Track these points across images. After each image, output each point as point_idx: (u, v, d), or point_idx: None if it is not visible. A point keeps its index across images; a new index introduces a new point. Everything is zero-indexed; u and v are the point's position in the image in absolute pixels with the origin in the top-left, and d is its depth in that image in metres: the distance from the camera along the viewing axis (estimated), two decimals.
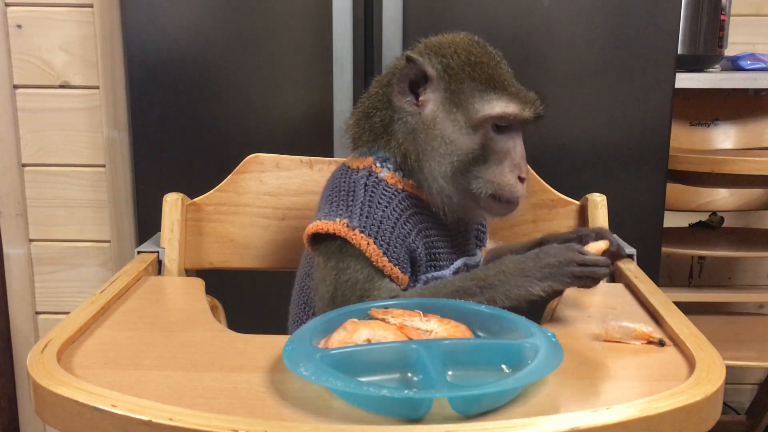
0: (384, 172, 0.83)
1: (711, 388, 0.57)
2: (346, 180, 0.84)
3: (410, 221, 0.82)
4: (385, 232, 0.79)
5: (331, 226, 0.80)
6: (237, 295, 1.11)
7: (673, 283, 1.95)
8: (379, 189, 0.82)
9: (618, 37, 1.34)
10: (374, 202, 0.81)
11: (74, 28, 1.68)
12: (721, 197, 1.82)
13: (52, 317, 1.83)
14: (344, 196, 0.82)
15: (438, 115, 0.81)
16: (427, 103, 0.81)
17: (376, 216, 0.80)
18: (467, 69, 0.80)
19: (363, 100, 0.88)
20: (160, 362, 0.65)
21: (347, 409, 0.56)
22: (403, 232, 0.81)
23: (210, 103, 1.38)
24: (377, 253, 0.78)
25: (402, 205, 0.82)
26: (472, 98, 0.80)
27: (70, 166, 1.74)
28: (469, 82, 0.80)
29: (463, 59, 0.81)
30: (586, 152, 1.38)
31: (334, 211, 0.81)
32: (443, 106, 0.81)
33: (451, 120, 0.80)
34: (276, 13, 1.34)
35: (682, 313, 0.75)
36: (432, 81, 0.81)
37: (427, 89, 0.81)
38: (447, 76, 0.81)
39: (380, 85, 0.86)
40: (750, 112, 1.81)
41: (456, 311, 0.70)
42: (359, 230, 0.79)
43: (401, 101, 0.82)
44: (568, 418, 0.52)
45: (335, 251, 0.80)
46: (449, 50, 0.82)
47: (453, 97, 0.80)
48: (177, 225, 0.98)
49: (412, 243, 0.81)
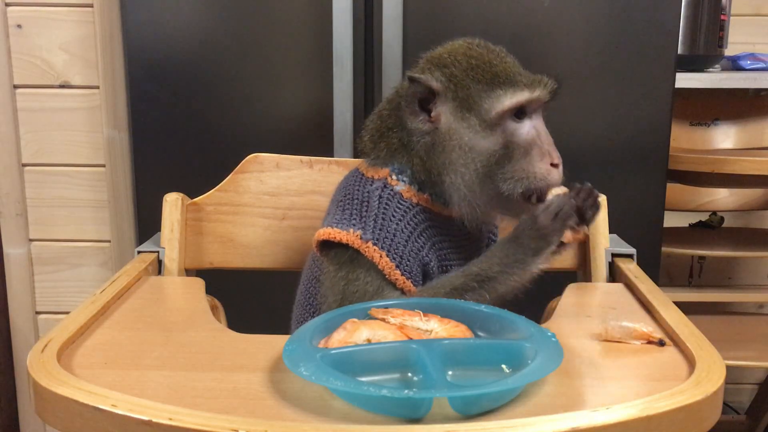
0: (400, 186, 0.83)
1: (711, 388, 0.57)
2: (360, 189, 0.83)
3: (424, 234, 0.82)
4: (399, 245, 0.79)
5: (344, 236, 0.80)
6: (237, 295, 1.11)
7: (673, 283, 1.95)
8: (393, 202, 0.81)
9: (618, 37, 1.34)
10: (388, 215, 0.80)
11: (74, 28, 1.68)
12: (721, 197, 1.82)
13: (52, 317, 1.83)
14: (358, 205, 0.82)
15: (452, 125, 0.80)
16: (440, 117, 0.81)
17: (390, 228, 0.80)
18: (470, 73, 0.80)
19: (374, 120, 0.87)
20: (160, 362, 0.65)
21: (347, 409, 0.56)
22: (417, 246, 0.81)
23: (210, 103, 1.38)
24: (390, 266, 0.78)
25: (417, 219, 0.82)
26: (480, 100, 0.79)
27: (70, 166, 1.74)
28: (475, 85, 0.80)
29: (465, 65, 0.81)
30: (586, 152, 1.38)
31: (347, 220, 0.81)
32: (455, 115, 0.80)
33: (466, 127, 0.80)
34: (276, 13, 1.34)
35: (682, 313, 0.75)
36: (439, 94, 0.80)
37: (437, 103, 0.81)
38: (452, 86, 0.80)
39: (390, 107, 0.86)
40: (750, 112, 1.81)
41: (456, 311, 0.70)
42: (372, 242, 0.79)
43: (414, 122, 0.81)
44: (568, 418, 0.52)
45: (346, 261, 0.80)
46: (449, 59, 0.81)
47: (463, 103, 0.80)
48: (177, 225, 0.98)
49: (426, 256, 0.81)
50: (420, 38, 1.34)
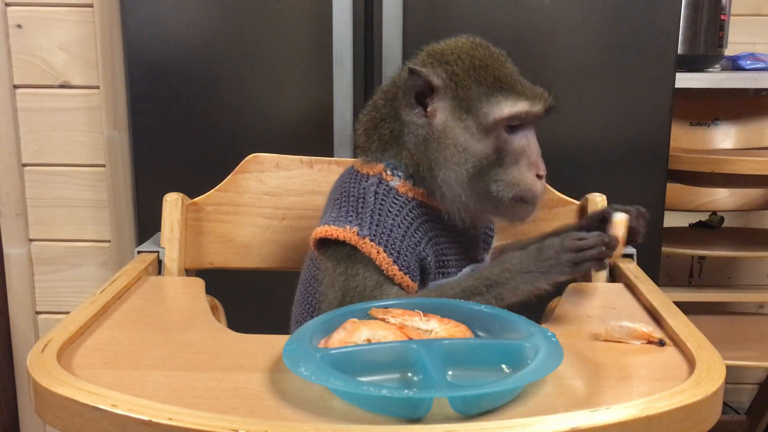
0: (395, 181, 0.83)
1: (711, 388, 0.57)
2: (356, 186, 0.83)
3: (421, 229, 0.82)
4: (396, 240, 0.79)
5: (340, 233, 0.80)
6: (237, 295, 1.11)
7: (673, 283, 1.95)
8: (389, 197, 0.81)
9: (618, 37, 1.34)
10: (384, 210, 0.80)
11: (74, 28, 1.68)
12: (721, 197, 1.82)
13: (52, 317, 1.83)
14: (354, 202, 0.82)
15: (448, 123, 0.80)
16: (435, 113, 0.81)
17: (386, 224, 0.80)
18: (472, 74, 0.80)
19: (369, 111, 0.87)
20: (160, 362, 0.65)
21: (347, 409, 0.56)
22: (414, 241, 0.81)
23: (210, 103, 1.38)
24: (387, 262, 0.78)
25: (413, 214, 0.82)
26: (480, 103, 0.79)
27: (70, 166, 1.74)
28: (476, 87, 0.80)
29: (468, 64, 0.80)
30: (586, 152, 1.38)
31: (343, 217, 0.81)
32: (452, 114, 0.80)
33: (462, 127, 0.80)
34: (276, 13, 1.34)
35: (682, 313, 0.75)
36: (438, 90, 0.80)
37: (434, 99, 0.81)
38: (453, 84, 0.80)
39: (386, 97, 0.86)
40: (750, 112, 1.81)
41: (456, 311, 0.70)
42: (369, 238, 0.79)
43: (409, 115, 0.82)
44: (568, 418, 0.52)
45: (344, 257, 0.80)
46: (452, 57, 0.81)
47: (461, 104, 0.80)
48: (177, 225, 0.98)
49: (423, 251, 0.81)
50: (420, 38, 1.33)
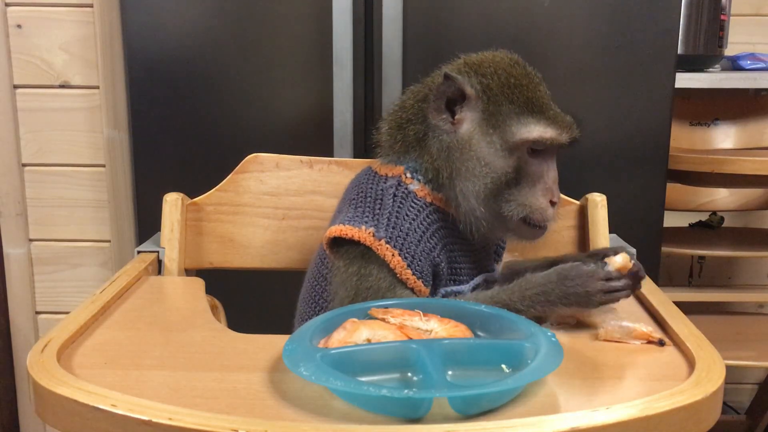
0: (414, 184, 0.83)
1: (711, 388, 0.57)
2: (373, 187, 0.83)
3: (436, 235, 0.82)
4: (411, 244, 0.79)
5: (356, 233, 0.79)
6: (237, 295, 1.11)
7: (673, 283, 1.95)
8: (407, 201, 0.81)
9: (618, 37, 1.34)
10: (402, 214, 0.80)
11: (74, 28, 1.68)
12: (721, 197, 1.82)
13: (52, 317, 1.83)
14: (371, 203, 0.82)
15: (474, 135, 0.80)
16: (463, 122, 0.81)
17: (402, 227, 0.80)
18: (506, 91, 0.80)
19: (396, 110, 0.87)
20: (160, 362, 0.65)
21: (347, 409, 0.56)
22: (429, 246, 0.81)
23: (210, 103, 1.38)
24: (401, 265, 0.78)
25: (429, 219, 0.82)
26: (509, 121, 0.79)
27: (70, 166, 1.74)
28: (508, 105, 0.79)
29: (503, 80, 0.80)
30: (586, 152, 1.38)
31: (359, 217, 0.81)
32: (480, 127, 0.80)
33: (487, 142, 0.80)
34: (276, 13, 1.34)
35: (682, 313, 0.75)
36: (470, 100, 0.80)
37: (464, 108, 0.81)
38: (486, 97, 0.80)
39: (416, 98, 0.86)
40: (750, 112, 1.81)
41: (456, 311, 0.70)
42: (385, 241, 0.78)
43: (437, 119, 0.82)
44: (568, 418, 0.52)
45: (357, 257, 0.80)
46: (489, 70, 0.81)
47: (490, 118, 0.80)
48: (177, 225, 0.98)
49: (437, 257, 0.81)
50: (420, 38, 1.34)
